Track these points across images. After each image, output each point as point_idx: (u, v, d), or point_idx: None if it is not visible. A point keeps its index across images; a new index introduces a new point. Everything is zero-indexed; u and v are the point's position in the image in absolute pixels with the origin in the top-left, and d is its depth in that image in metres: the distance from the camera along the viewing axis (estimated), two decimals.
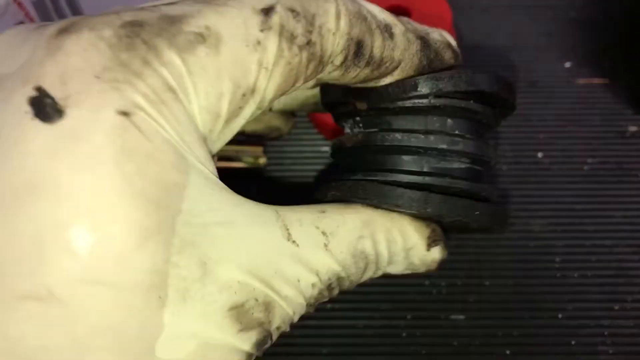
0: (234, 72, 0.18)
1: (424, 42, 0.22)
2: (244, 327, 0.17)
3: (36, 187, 0.15)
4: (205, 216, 0.17)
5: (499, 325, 0.29)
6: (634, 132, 0.35)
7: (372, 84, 0.22)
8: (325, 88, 0.25)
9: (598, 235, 0.32)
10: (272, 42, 0.18)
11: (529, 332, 0.29)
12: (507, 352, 0.29)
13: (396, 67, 0.21)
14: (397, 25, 0.21)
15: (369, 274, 0.22)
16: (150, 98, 0.16)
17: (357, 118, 0.24)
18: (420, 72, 0.22)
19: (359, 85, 0.22)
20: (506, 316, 0.29)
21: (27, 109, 0.15)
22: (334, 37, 0.19)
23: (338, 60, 0.20)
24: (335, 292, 0.21)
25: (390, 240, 0.21)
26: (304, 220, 0.20)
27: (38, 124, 0.15)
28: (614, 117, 0.36)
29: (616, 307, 0.30)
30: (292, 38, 0.18)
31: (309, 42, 0.19)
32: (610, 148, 0.35)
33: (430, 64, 0.22)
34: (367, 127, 0.23)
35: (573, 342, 0.29)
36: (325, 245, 0.20)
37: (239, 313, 0.17)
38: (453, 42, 0.24)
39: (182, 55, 0.17)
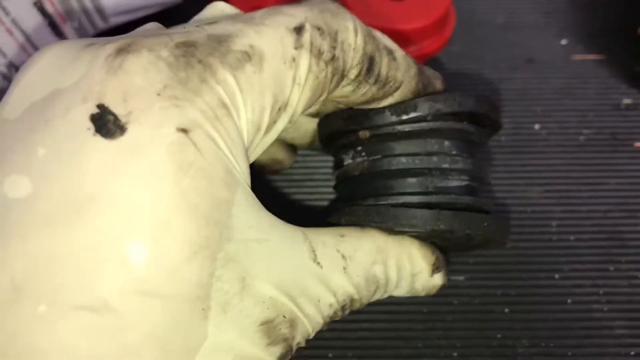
0: (274, 88, 0.19)
1: (420, 69, 0.24)
2: (272, 342, 0.18)
3: (96, 201, 0.15)
4: (246, 233, 0.18)
5: (498, 285, 0.30)
6: (628, 104, 0.36)
7: (374, 105, 0.23)
8: (325, 121, 0.26)
9: (593, 201, 0.33)
10: (304, 59, 0.19)
11: (527, 292, 0.30)
12: (506, 310, 0.30)
13: (397, 88, 0.23)
14: (398, 50, 0.23)
15: (377, 297, 0.23)
16: (207, 115, 0.17)
17: (359, 147, 0.25)
18: (417, 95, 0.24)
19: (362, 106, 0.23)
20: (504, 277, 0.31)
21: (89, 125, 0.16)
22: (354, 52, 0.21)
23: (353, 74, 0.21)
24: (347, 312, 0.22)
25: (399, 266, 0.23)
26: (327, 242, 0.21)
27: (99, 139, 0.16)
28: (609, 90, 0.37)
29: (611, 268, 0.31)
30: (319, 54, 0.19)
31: (333, 57, 0.20)
32: (605, 119, 0.36)
33: (425, 88, 0.24)
34: (371, 155, 0.25)
35: (569, 301, 0.30)
36: (344, 268, 0.21)
37: (269, 328, 0.18)
38: (440, 76, 0.26)
39: (233, 73, 0.18)
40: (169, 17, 0.38)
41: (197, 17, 0.21)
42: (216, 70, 0.17)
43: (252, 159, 0.20)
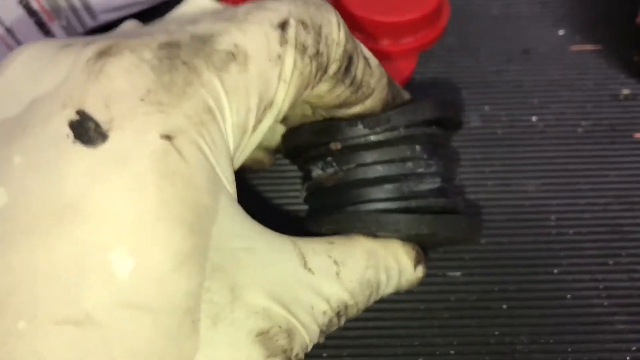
0: (260, 87, 0.18)
1: (390, 79, 0.24)
2: (270, 354, 0.17)
3: (77, 211, 0.15)
4: (232, 242, 0.17)
5: (495, 281, 0.30)
6: (627, 94, 0.35)
7: (343, 111, 0.23)
8: (291, 133, 0.26)
9: (592, 194, 0.32)
10: (289, 55, 0.19)
11: (525, 287, 0.30)
12: (504, 306, 0.29)
13: (369, 95, 0.23)
14: (373, 58, 0.23)
15: (371, 301, 0.23)
16: (192, 120, 0.16)
17: (329, 158, 0.25)
18: (386, 104, 0.24)
19: (332, 110, 0.23)
20: (502, 272, 0.30)
21: (68, 132, 0.15)
22: (336, 47, 0.20)
23: (332, 70, 0.21)
24: (343, 320, 0.22)
25: (388, 267, 0.23)
26: (317, 249, 0.20)
27: (79, 147, 0.15)
28: (607, 81, 0.36)
29: (610, 262, 0.30)
30: (304, 49, 0.19)
31: (317, 52, 0.19)
32: (604, 111, 0.35)
33: (394, 99, 0.24)
34: (343, 165, 0.25)
35: (568, 296, 0.29)
36: (337, 274, 0.20)
37: (265, 339, 0.17)
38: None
39: (218, 74, 0.17)
40: (161, 14, 0.38)
41: (175, 13, 0.20)
42: (201, 72, 0.17)
43: (239, 163, 0.20)
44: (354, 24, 0.34)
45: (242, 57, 0.18)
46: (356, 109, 0.23)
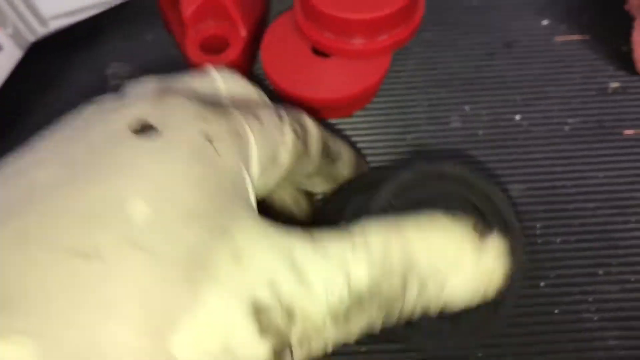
0: (272, 141, 0.21)
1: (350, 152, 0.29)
2: (263, 329, 0.17)
3: (113, 165, 0.17)
4: (246, 220, 0.18)
5: None
6: (615, 88, 0.33)
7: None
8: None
9: (580, 198, 0.30)
10: (288, 131, 0.22)
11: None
12: None
13: (341, 157, 0.27)
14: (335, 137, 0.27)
15: (411, 293, 0.20)
16: (230, 133, 0.19)
17: None
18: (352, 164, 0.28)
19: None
20: None
21: (127, 129, 0.18)
22: (315, 138, 0.24)
23: (315, 151, 0.24)
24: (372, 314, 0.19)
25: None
26: (331, 237, 0.20)
27: (133, 136, 0.18)
28: (595, 74, 0.34)
29: (600, 272, 0.28)
30: (295, 132, 0.23)
31: (304, 137, 0.23)
32: (592, 106, 0.33)
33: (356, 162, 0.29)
34: None
35: (556, 311, 0.28)
36: (348, 261, 0.19)
37: (260, 312, 0.17)
38: None
39: (245, 119, 0.21)
40: (110, 20, 0.36)
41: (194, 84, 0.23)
42: (233, 112, 0.20)
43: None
44: (325, 24, 0.31)
45: (260, 121, 0.21)
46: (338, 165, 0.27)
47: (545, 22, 0.36)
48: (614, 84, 0.33)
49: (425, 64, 0.35)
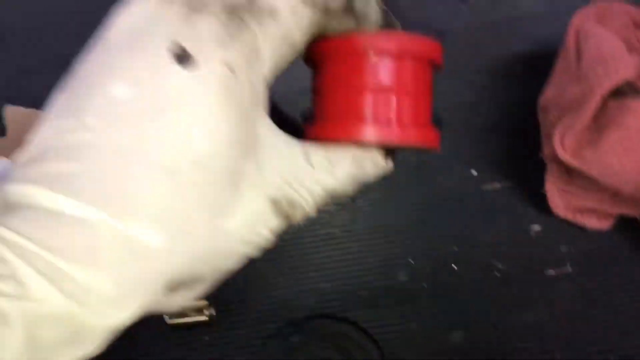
0: (286, 34, 0.26)
1: (382, 4, 0.30)
2: (278, 214, 0.26)
3: (174, 104, 0.23)
4: (264, 137, 0.26)
5: None
6: (537, 231, 0.38)
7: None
8: None
9: (512, 338, 0.35)
10: (304, 9, 0.26)
11: None
12: None
13: (370, 21, 0.29)
14: None
15: (355, 187, 0.29)
16: (245, 56, 0.24)
17: None
18: (385, 25, 0.30)
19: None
20: None
21: (170, 57, 0.23)
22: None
23: (336, 7, 0.27)
24: (337, 201, 0.30)
25: (369, 166, 0.28)
26: (318, 152, 0.28)
27: (177, 67, 0.23)
28: (518, 218, 0.39)
29: None
30: (313, 3, 0.26)
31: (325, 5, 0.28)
32: (518, 251, 0.38)
33: (390, 22, 0.31)
34: None
35: None
36: (331, 171, 0.28)
37: (276, 204, 0.26)
38: None
39: (260, 26, 0.25)
40: None
41: None
42: (249, 24, 0.25)
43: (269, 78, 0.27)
44: None
45: (274, 12, 0.26)
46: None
47: (474, 173, 0.41)
48: (536, 227, 0.39)
49: (372, 219, 0.40)
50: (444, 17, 0.47)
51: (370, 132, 0.29)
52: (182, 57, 0.24)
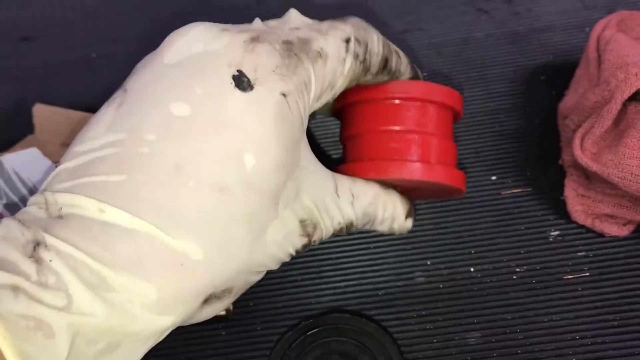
0: (330, 77, 0.29)
1: (411, 61, 0.35)
2: (303, 234, 0.29)
3: (230, 126, 0.24)
4: (304, 163, 0.28)
5: None
6: (555, 236, 0.39)
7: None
8: None
9: (528, 341, 0.35)
10: (348, 60, 0.29)
11: None
12: None
13: (402, 74, 0.34)
14: (400, 51, 0.33)
15: (367, 227, 0.33)
16: (297, 88, 0.26)
17: None
18: (413, 77, 0.34)
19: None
20: None
21: (231, 81, 0.25)
22: (376, 57, 0.31)
23: (374, 70, 0.31)
24: (346, 232, 0.31)
25: (385, 209, 0.32)
26: (344, 183, 0.31)
27: (237, 91, 0.25)
28: (537, 224, 0.39)
29: None
30: (357, 57, 0.30)
31: (364, 60, 0.30)
32: (536, 255, 0.38)
33: (416, 73, 0.35)
34: None
35: None
36: (352, 202, 0.31)
37: (303, 225, 0.28)
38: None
39: (312, 64, 0.28)
40: None
41: (283, 19, 0.31)
42: (303, 61, 0.27)
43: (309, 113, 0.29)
44: None
45: (325, 56, 0.28)
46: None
47: (494, 178, 0.42)
48: (554, 232, 0.39)
49: None
50: (464, 27, 0.48)
51: (394, 170, 0.31)
52: (243, 83, 0.25)
